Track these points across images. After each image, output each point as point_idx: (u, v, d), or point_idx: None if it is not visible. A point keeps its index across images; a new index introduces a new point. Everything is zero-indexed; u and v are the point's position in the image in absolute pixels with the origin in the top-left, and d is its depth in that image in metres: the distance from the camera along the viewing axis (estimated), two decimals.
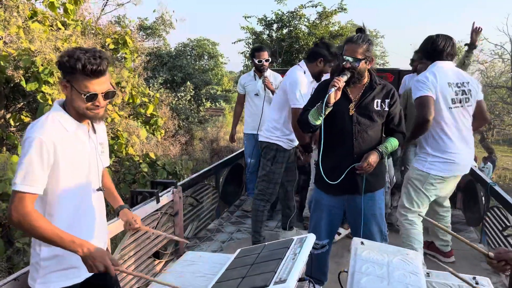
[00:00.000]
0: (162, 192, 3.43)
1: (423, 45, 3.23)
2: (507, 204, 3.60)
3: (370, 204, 2.70)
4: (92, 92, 1.69)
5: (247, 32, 16.27)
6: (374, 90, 2.63)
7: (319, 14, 15.49)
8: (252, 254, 1.90)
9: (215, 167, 4.69)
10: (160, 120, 7.85)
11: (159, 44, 21.68)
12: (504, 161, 18.33)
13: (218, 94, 23.70)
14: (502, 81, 16.23)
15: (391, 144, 2.66)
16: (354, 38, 2.57)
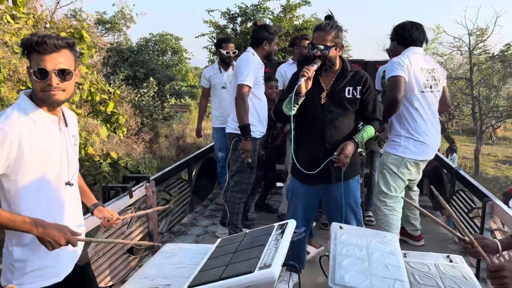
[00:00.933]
0: (134, 187, 3.36)
1: (397, 32, 3.26)
2: (472, 187, 3.75)
3: (346, 192, 2.71)
4: (42, 67, 1.59)
5: (211, 26, 16.12)
6: (345, 77, 2.61)
7: (283, 7, 15.48)
8: (234, 242, 1.88)
9: (187, 161, 4.63)
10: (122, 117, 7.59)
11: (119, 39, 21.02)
12: (464, 150, 19.08)
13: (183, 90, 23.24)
14: (461, 73, 16.83)
15: (367, 132, 2.65)
16: (322, 26, 2.56)
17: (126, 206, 3.18)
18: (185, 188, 4.53)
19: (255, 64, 3.41)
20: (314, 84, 2.58)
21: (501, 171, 18.16)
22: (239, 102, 3.35)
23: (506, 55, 13.17)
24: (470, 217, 3.81)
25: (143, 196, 3.45)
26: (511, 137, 25.36)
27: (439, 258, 2.08)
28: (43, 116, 1.68)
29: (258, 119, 3.57)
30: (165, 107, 18.10)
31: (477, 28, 14.18)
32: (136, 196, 3.32)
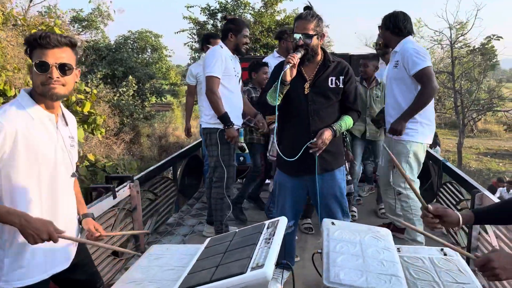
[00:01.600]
0: (118, 187, 3.26)
1: (391, 22, 3.29)
2: (459, 179, 3.75)
3: (330, 183, 2.70)
4: (44, 60, 1.60)
5: (190, 22, 15.89)
6: (328, 68, 2.61)
7: (264, 2, 15.38)
8: (224, 242, 1.81)
9: (171, 159, 4.54)
10: (99, 118, 7.35)
11: (97, 37, 20.66)
12: (446, 144, 19.39)
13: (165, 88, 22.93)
14: (442, 66, 17.02)
15: (346, 122, 2.66)
16: (303, 15, 2.55)
17: (109, 207, 3.09)
18: (170, 187, 4.43)
19: (222, 56, 3.35)
20: (296, 75, 2.57)
21: (483, 163, 18.50)
22: (210, 94, 3.31)
23: (487, 48, 13.33)
24: (458, 209, 3.81)
25: (127, 197, 3.36)
26: (491, 129, 25.91)
27: (432, 251, 2.06)
28: (41, 113, 1.68)
29: (231, 113, 3.44)
30: (145, 106, 17.88)
31: (457, 21, 14.32)
32: (120, 196, 3.23)
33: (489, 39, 13.38)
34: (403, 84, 3.27)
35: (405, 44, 3.24)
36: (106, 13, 20.73)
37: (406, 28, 3.26)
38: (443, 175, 4.38)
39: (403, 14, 3.28)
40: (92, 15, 20.35)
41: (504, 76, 19.87)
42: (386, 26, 3.32)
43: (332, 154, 2.68)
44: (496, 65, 13.89)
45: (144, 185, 3.83)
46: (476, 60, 14.69)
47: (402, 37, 3.27)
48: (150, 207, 4.00)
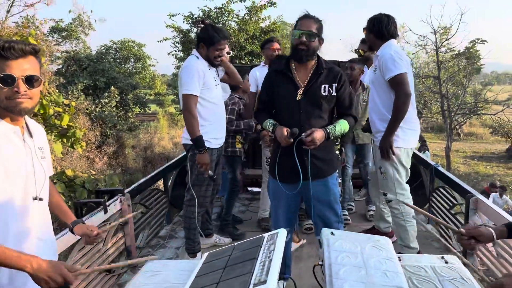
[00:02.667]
0: (109, 201, 3.19)
1: (374, 25, 3.27)
2: (452, 183, 3.76)
3: (323, 190, 2.69)
4: (9, 73, 1.50)
5: (174, 31, 15.65)
6: (321, 74, 2.59)
7: (248, 9, 15.26)
8: (222, 257, 1.77)
9: (162, 170, 4.47)
10: (79, 131, 7.14)
11: (78, 47, 20.38)
12: (433, 147, 19.58)
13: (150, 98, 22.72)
14: (426, 71, 17.22)
15: (340, 126, 2.62)
16: (309, 14, 2.56)
17: (101, 222, 3.03)
18: (161, 199, 4.36)
19: (199, 70, 3.16)
20: (289, 81, 2.58)
21: (471, 167, 18.74)
22: (186, 114, 3.14)
23: (471, 52, 13.52)
24: (452, 214, 3.82)
25: (119, 211, 3.29)
26: (477, 132, 26.34)
27: (434, 259, 2.04)
28: (5, 127, 1.57)
29: (213, 126, 3.33)
30: (129, 117, 17.61)
31: (440, 27, 14.52)
32: (111, 210, 3.16)
33: (473, 43, 13.58)
34: (381, 88, 3.27)
35: (384, 49, 3.22)
36: (87, 23, 20.42)
37: (389, 32, 3.24)
38: (435, 180, 4.39)
39: (387, 17, 3.27)
40: (72, 25, 20.04)
41: (486, 79, 20.21)
42: (370, 29, 3.31)
43: (324, 161, 2.66)
44: (481, 68, 14.09)
45: (135, 198, 3.76)
46: (460, 64, 14.88)
47: (384, 40, 3.26)
48: (142, 220, 3.92)
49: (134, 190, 3.66)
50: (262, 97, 2.77)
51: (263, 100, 2.76)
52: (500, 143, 22.95)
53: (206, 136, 3.20)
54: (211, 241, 3.90)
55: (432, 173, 4.27)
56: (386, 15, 3.28)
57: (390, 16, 3.28)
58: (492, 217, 3.00)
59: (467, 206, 3.23)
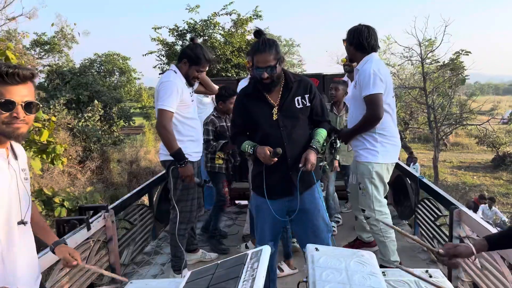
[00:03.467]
0: (92, 218, 3.16)
1: (354, 37, 3.21)
2: (437, 195, 3.81)
3: (311, 199, 2.71)
4: (10, 99, 1.50)
5: (159, 43, 15.65)
6: (291, 89, 2.62)
7: (234, 22, 15.39)
8: (206, 275, 1.77)
9: (147, 185, 4.44)
10: (59, 147, 6.92)
11: (60, 60, 20.24)
12: (420, 158, 19.77)
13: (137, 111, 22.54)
14: (412, 82, 17.47)
15: (321, 135, 2.68)
16: (260, 48, 2.49)
17: (84, 239, 2.99)
18: (146, 214, 4.33)
19: (177, 86, 3.13)
20: (262, 102, 2.61)
21: (458, 177, 18.97)
22: (161, 129, 3.09)
23: (456, 63, 13.75)
24: (437, 225, 3.86)
25: (102, 227, 3.26)
26: (462, 142, 26.72)
27: (418, 273, 2.04)
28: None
29: (191, 141, 3.32)
30: (114, 130, 17.39)
31: (425, 39, 14.76)
32: (94, 227, 3.12)
33: (458, 54, 13.80)
34: (359, 103, 3.24)
35: (365, 64, 3.18)
36: (70, 36, 20.25)
37: (370, 44, 3.18)
38: (420, 191, 4.44)
39: (368, 29, 3.20)
40: (55, 38, 19.90)
41: (470, 90, 20.57)
42: (350, 41, 3.24)
43: (309, 172, 2.64)
44: (465, 79, 14.32)
45: (119, 214, 3.73)
46: (445, 75, 15.11)
47: (365, 53, 3.21)
48: (126, 236, 3.88)
49: (118, 206, 3.63)
50: (236, 121, 2.77)
51: (237, 124, 2.76)
52: (485, 152, 23.30)
53: (185, 150, 3.17)
54: (197, 256, 3.88)
55: (417, 185, 4.32)
56: (366, 26, 3.21)
57: (370, 28, 3.21)
58: (475, 228, 3.04)
59: (451, 217, 3.27)
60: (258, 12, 15.25)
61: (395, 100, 3.39)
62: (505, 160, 19.82)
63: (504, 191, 16.34)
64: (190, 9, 15.14)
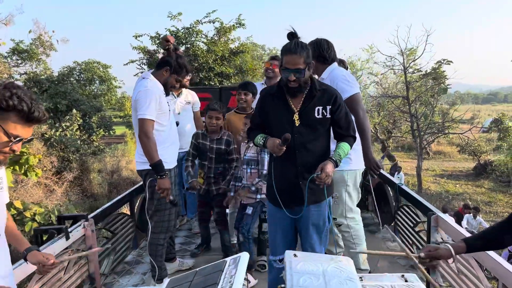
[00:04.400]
0: (71, 227, 3.14)
1: (314, 50, 3.24)
2: (415, 202, 3.90)
3: (316, 214, 2.67)
4: (21, 137, 1.53)
5: (140, 52, 15.45)
6: (314, 97, 2.55)
7: (217, 30, 15.33)
8: (184, 283, 1.80)
9: (129, 194, 4.44)
10: (33, 158, 6.74)
11: (38, 69, 19.92)
12: (403, 167, 20.03)
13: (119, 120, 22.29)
14: (395, 91, 17.75)
15: (343, 149, 2.58)
16: (292, 48, 2.44)
17: (62, 249, 2.97)
18: (127, 223, 4.31)
19: (155, 95, 3.14)
20: (283, 105, 2.58)
21: (441, 185, 19.29)
22: (144, 139, 3.07)
23: (438, 72, 14.00)
24: (416, 231, 3.94)
25: (82, 237, 3.24)
26: (444, 151, 27.24)
27: (394, 278, 2.12)
28: None
29: (168, 149, 3.31)
30: (93, 140, 17.14)
31: (406, 48, 15.03)
32: (73, 237, 3.10)
33: (439, 63, 14.06)
34: None
35: (333, 71, 3.27)
36: (48, 43, 19.92)
37: (330, 56, 3.30)
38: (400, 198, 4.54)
39: (327, 42, 3.32)
40: (33, 45, 19.60)
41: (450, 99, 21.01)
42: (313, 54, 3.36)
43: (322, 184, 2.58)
44: (447, 88, 14.58)
45: (100, 223, 3.71)
46: (427, 84, 15.37)
47: (327, 64, 3.31)
48: (107, 245, 3.85)
49: (99, 215, 3.61)
50: (255, 120, 2.76)
51: (255, 122, 2.75)
52: (467, 161, 23.79)
53: (161, 158, 3.16)
54: (175, 266, 3.87)
55: (397, 192, 4.41)
56: (325, 40, 3.33)
57: (329, 41, 3.35)
58: (452, 234, 3.13)
59: (429, 223, 3.36)
60: (241, 20, 15.26)
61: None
62: (486, 168, 20.26)
63: (486, 200, 16.69)
64: (172, 16, 15.07)
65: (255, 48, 18.88)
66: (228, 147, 3.83)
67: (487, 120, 23.82)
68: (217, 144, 3.82)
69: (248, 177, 3.62)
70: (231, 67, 15.01)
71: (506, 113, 25.87)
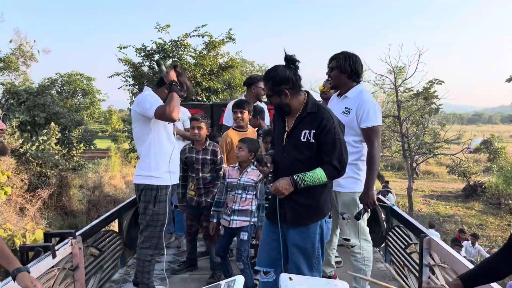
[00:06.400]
0: (58, 245, 3.15)
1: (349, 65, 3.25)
2: (407, 223, 3.99)
3: (303, 236, 2.68)
4: None
5: (125, 64, 15.37)
6: (302, 120, 2.62)
7: (206, 44, 15.39)
8: None
9: (117, 211, 4.46)
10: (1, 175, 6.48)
11: (18, 79, 19.71)
12: (393, 187, 20.26)
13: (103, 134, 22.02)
14: (385, 110, 17.97)
15: (313, 174, 2.54)
16: (263, 76, 2.75)
17: (49, 267, 2.97)
18: (115, 241, 4.32)
19: (159, 99, 3.31)
20: (282, 123, 2.73)
21: (431, 206, 19.50)
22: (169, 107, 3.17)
23: (429, 92, 14.18)
24: (407, 253, 4.02)
25: (69, 255, 3.25)
26: (433, 171, 27.60)
27: None
28: None
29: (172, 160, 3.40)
30: (73, 155, 16.76)
31: (396, 66, 15.23)
32: (60, 255, 3.11)
33: (431, 83, 14.26)
34: (353, 132, 3.27)
35: (364, 94, 3.26)
36: (29, 54, 19.78)
37: (360, 74, 3.29)
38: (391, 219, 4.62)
39: (358, 58, 3.28)
40: (13, 55, 19.43)
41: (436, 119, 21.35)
42: (342, 68, 3.27)
43: (305, 207, 2.64)
44: (439, 109, 14.75)
45: (87, 241, 3.72)
46: (419, 104, 15.55)
47: (355, 82, 3.30)
48: (94, 263, 3.85)
49: (87, 232, 3.63)
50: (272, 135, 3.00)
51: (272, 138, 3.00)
52: (455, 181, 24.11)
53: (164, 168, 3.32)
54: None
55: (388, 213, 4.51)
56: (356, 55, 3.28)
57: (358, 57, 3.30)
58: (445, 257, 3.21)
59: (421, 245, 3.45)
60: (232, 35, 15.34)
61: None
62: (476, 190, 20.54)
63: (478, 222, 16.89)
64: (160, 28, 15.09)
65: (244, 64, 18.99)
66: (215, 156, 4.01)
67: (474, 140, 24.31)
68: (203, 154, 4.00)
69: (241, 201, 3.66)
70: (219, 82, 15.10)
71: (494, 135, 26.41)
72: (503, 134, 46.77)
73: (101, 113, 23.42)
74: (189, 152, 4.06)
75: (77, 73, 21.16)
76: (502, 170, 20.68)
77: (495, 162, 23.16)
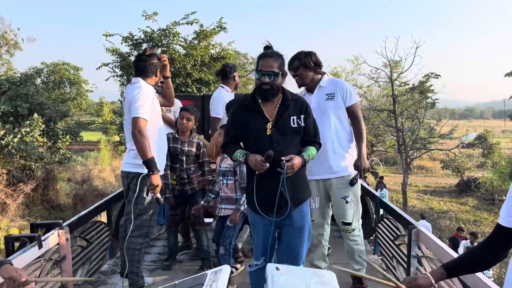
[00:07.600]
0: (45, 235, 3.16)
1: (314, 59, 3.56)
2: (396, 215, 4.05)
3: (299, 216, 2.88)
4: None
5: (113, 54, 15.08)
6: (288, 107, 2.79)
7: (196, 34, 15.10)
8: None
9: (106, 202, 4.48)
10: None
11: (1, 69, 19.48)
12: (387, 181, 20.43)
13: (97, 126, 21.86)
14: (379, 104, 18.00)
15: (311, 152, 2.80)
16: (268, 53, 2.76)
17: (34, 258, 2.97)
18: (104, 232, 4.35)
19: (150, 97, 3.42)
20: (257, 115, 2.78)
21: (425, 202, 19.69)
22: (138, 136, 3.26)
23: (425, 86, 14.21)
24: (396, 244, 4.08)
25: (56, 245, 3.26)
26: (426, 166, 27.81)
27: None
28: None
29: (161, 150, 3.54)
30: (59, 147, 16.41)
31: (392, 60, 15.22)
32: (46, 245, 3.12)
33: (427, 77, 14.28)
34: (342, 114, 3.58)
35: (336, 79, 3.71)
36: (13, 42, 19.43)
37: (322, 65, 3.63)
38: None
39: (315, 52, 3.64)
40: None
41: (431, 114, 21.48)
42: (306, 64, 3.55)
43: (300, 188, 2.85)
44: (435, 103, 14.77)
45: (75, 231, 3.74)
46: (414, 98, 15.56)
47: (320, 75, 3.62)
48: (81, 254, 3.87)
49: (74, 223, 3.65)
50: (230, 132, 2.93)
51: (231, 134, 2.91)
52: (449, 177, 24.32)
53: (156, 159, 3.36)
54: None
55: (377, 204, 4.58)
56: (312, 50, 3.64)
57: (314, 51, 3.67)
58: (433, 248, 3.27)
59: (409, 237, 3.52)
60: (223, 24, 15.10)
61: None
62: (470, 186, 20.73)
63: (472, 218, 17.07)
64: (147, 16, 14.80)
65: (237, 56, 18.83)
66: (199, 150, 4.14)
67: (468, 135, 24.57)
68: (188, 146, 4.10)
69: (225, 188, 3.76)
70: (211, 73, 14.89)
71: (489, 130, 26.64)
72: (495, 129, 47.29)
73: (91, 105, 23.12)
74: (173, 142, 4.09)
75: (64, 62, 20.76)
76: (497, 166, 20.90)
77: (489, 157, 23.39)
